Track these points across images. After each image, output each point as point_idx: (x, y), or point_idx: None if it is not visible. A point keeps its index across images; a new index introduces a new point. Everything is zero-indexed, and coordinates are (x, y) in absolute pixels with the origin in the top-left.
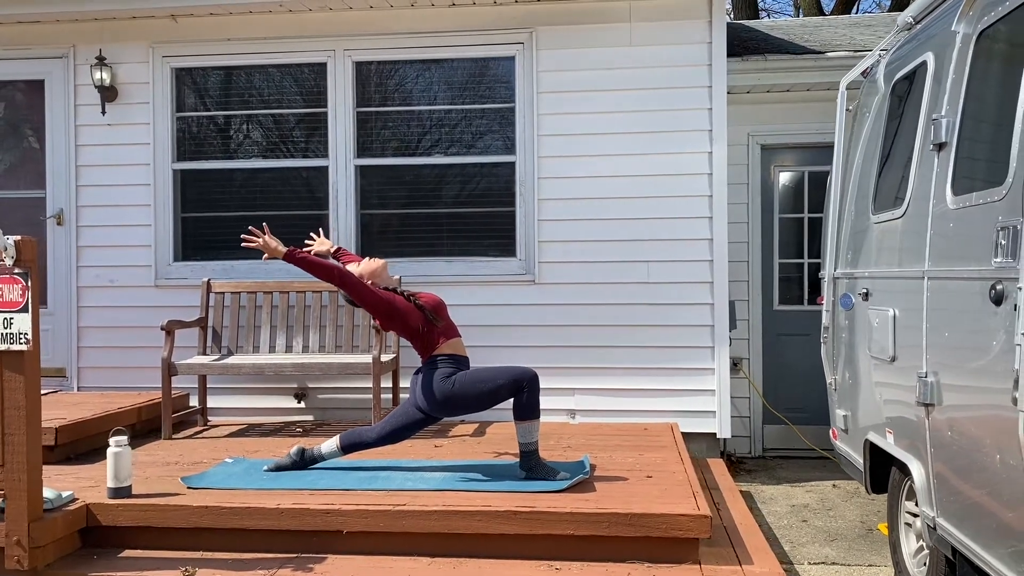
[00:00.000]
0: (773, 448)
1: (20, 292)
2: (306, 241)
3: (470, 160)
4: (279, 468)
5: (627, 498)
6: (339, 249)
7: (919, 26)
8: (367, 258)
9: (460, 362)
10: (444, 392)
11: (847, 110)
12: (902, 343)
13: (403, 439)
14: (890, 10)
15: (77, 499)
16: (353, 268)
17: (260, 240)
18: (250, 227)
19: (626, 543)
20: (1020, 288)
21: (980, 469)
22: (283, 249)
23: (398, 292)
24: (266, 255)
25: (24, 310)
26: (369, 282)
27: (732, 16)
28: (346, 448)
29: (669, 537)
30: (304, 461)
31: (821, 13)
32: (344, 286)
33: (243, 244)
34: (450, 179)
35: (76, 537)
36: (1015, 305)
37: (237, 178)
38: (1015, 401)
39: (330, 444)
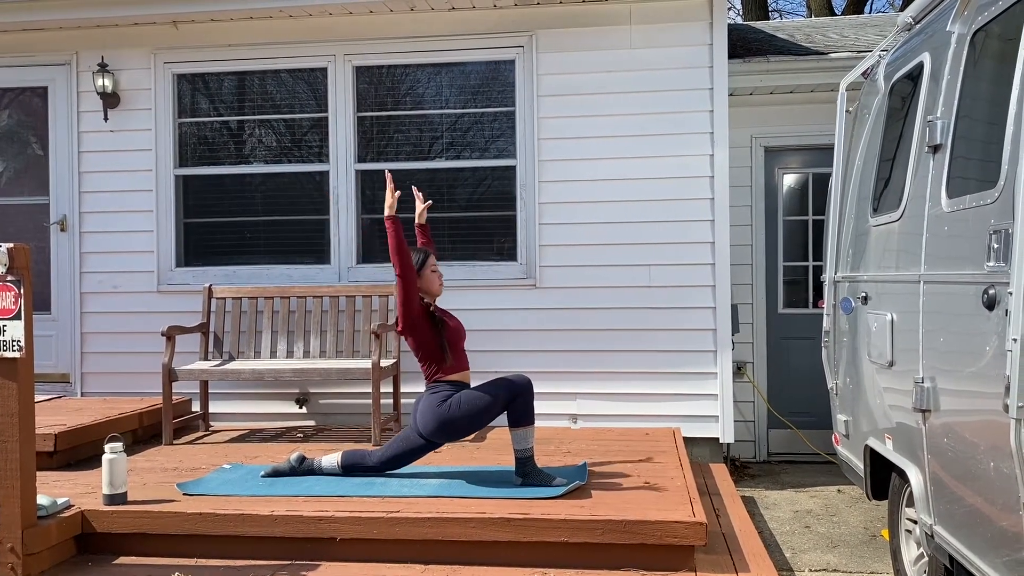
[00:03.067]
0: (778, 452)
1: (13, 299)
2: (415, 190)
3: (471, 164)
4: (277, 473)
5: (623, 505)
6: (424, 222)
7: (918, 26)
8: (434, 266)
9: (459, 388)
10: (441, 417)
11: (847, 111)
12: (900, 348)
13: (405, 465)
14: (900, 10)
15: (72, 505)
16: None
17: (390, 187)
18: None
19: (621, 550)
20: (1011, 293)
21: (975, 477)
22: (390, 212)
23: (431, 309)
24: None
25: (17, 317)
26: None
27: (742, 17)
28: (347, 469)
29: (664, 544)
30: (302, 469)
31: (832, 13)
32: (404, 281)
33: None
34: (451, 183)
35: (71, 544)
36: (1007, 310)
37: (239, 183)
38: (1007, 408)
39: (331, 460)
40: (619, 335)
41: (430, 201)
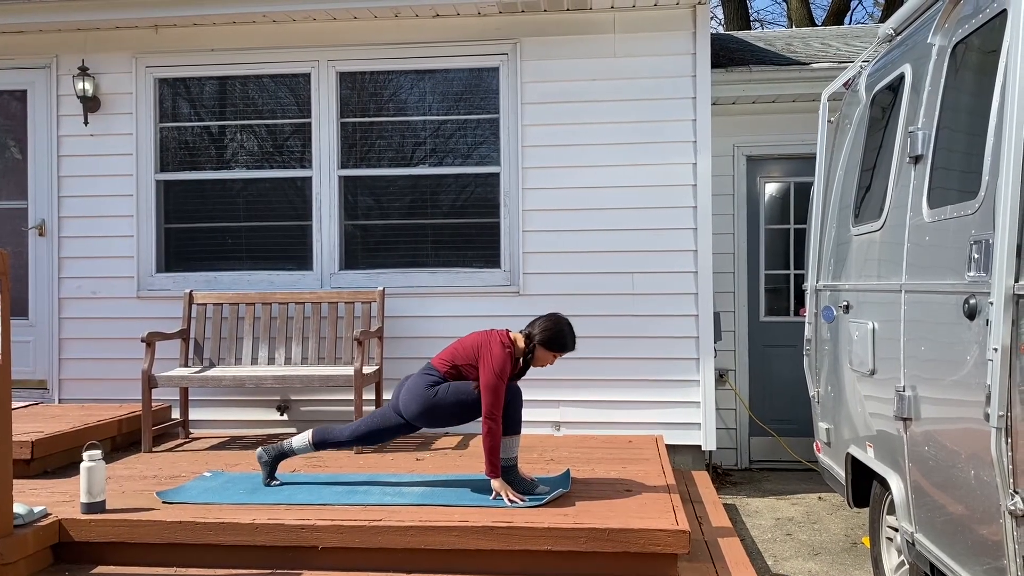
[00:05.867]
0: (759, 460)
1: None
2: None
3: (454, 171)
4: (271, 473)
5: (606, 513)
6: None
7: (899, 38)
8: (560, 357)
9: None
10: (426, 402)
11: (829, 121)
12: (881, 356)
13: (379, 442)
14: (880, 22)
15: (50, 514)
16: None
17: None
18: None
19: (604, 558)
20: (992, 302)
21: (956, 485)
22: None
23: (519, 368)
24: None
25: None
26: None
27: (724, 27)
28: (318, 444)
29: (648, 553)
30: (272, 458)
31: (813, 24)
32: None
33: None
34: (435, 190)
35: (48, 553)
36: (987, 319)
37: (220, 188)
38: (987, 417)
39: (302, 438)
40: (602, 342)
41: None
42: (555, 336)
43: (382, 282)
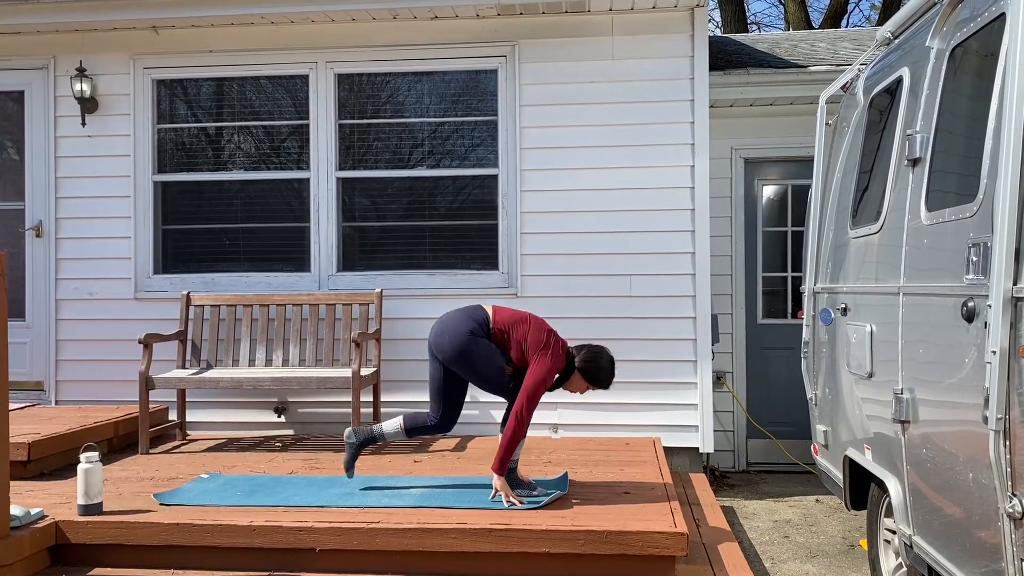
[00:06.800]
0: (757, 462)
1: None
2: None
3: (453, 173)
4: (355, 455)
5: (604, 515)
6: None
7: (897, 41)
8: (591, 389)
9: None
10: (460, 343)
11: (827, 124)
12: (879, 359)
13: (455, 409)
14: (877, 25)
15: (46, 516)
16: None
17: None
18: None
19: (602, 560)
20: (991, 305)
21: (954, 487)
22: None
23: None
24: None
25: None
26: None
27: (722, 30)
28: (410, 431)
29: (645, 555)
30: (365, 440)
31: (810, 27)
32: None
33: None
34: (433, 191)
35: (45, 555)
36: (986, 322)
37: (218, 190)
38: (986, 419)
39: (392, 424)
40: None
41: None
42: (593, 368)
43: (380, 284)
